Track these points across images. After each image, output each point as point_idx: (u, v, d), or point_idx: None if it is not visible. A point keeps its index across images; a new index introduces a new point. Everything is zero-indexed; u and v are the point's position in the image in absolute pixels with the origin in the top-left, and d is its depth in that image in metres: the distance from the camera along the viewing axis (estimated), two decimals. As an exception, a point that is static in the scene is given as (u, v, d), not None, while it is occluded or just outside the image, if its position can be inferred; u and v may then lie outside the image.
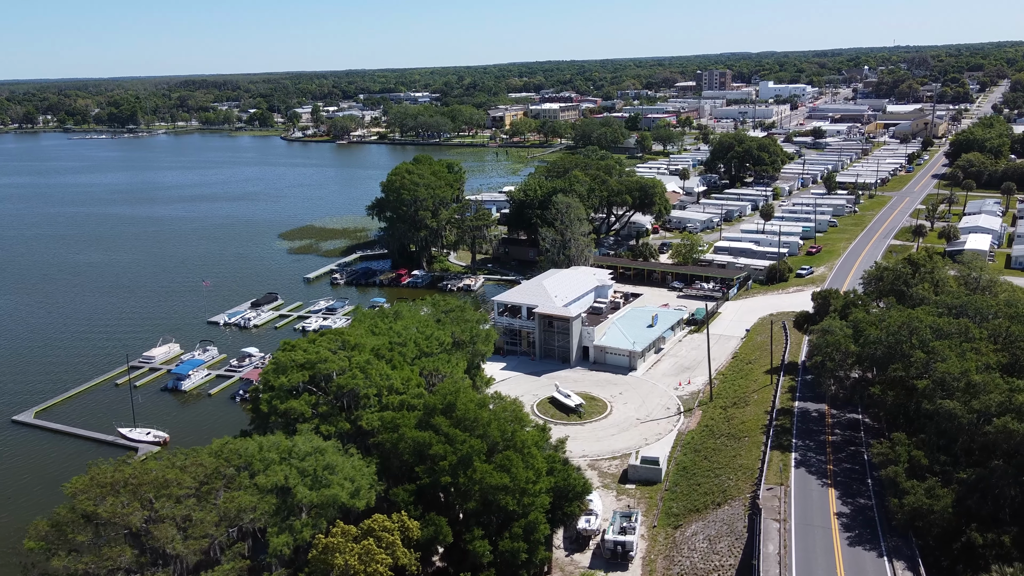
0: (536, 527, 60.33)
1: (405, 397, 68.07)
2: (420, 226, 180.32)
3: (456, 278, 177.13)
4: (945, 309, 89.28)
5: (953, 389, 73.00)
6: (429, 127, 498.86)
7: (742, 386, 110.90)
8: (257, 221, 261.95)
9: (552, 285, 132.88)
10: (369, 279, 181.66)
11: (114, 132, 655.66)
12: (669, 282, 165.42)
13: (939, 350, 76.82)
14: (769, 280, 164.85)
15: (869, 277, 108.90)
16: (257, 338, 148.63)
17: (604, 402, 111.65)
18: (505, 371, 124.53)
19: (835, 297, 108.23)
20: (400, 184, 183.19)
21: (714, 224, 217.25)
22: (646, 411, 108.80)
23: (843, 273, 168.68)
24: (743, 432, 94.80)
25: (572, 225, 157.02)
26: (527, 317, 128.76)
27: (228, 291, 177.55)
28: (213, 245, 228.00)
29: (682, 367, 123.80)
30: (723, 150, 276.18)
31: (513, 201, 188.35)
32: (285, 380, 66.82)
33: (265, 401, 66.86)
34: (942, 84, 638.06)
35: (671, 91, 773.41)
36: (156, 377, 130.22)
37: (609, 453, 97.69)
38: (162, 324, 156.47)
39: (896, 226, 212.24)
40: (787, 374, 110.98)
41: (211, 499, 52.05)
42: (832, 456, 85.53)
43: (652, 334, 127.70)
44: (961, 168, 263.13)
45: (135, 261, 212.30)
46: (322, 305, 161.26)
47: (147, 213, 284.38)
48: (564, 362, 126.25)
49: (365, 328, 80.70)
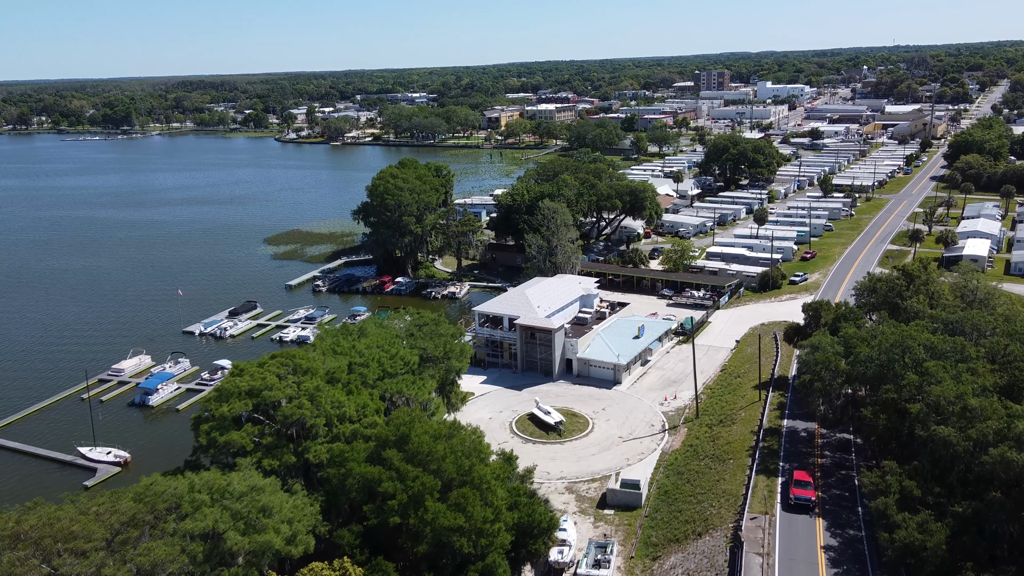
0: (494, 570, 55.76)
1: (358, 427, 63.45)
2: (404, 232, 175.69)
3: (441, 285, 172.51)
4: (940, 325, 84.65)
5: (948, 414, 68.38)
6: (424, 128, 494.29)
7: (729, 402, 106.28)
8: (244, 225, 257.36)
9: (535, 295, 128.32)
10: (352, 286, 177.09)
11: (108, 133, 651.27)
12: (659, 290, 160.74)
13: (933, 371, 72.16)
14: (762, 287, 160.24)
15: (861, 288, 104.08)
16: (232, 349, 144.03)
17: (586, 419, 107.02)
18: (485, 384, 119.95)
19: (826, 309, 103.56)
20: (384, 189, 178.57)
21: (707, 228, 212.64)
22: (629, 428, 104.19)
23: (838, 280, 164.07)
24: (728, 454, 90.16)
25: (558, 231, 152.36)
26: (509, 328, 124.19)
27: (206, 299, 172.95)
28: (197, 250, 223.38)
29: (669, 380, 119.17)
30: (718, 152, 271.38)
31: (500, 206, 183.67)
32: (227, 409, 62.18)
33: (204, 433, 62.24)
34: (941, 84, 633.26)
35: (669, 91, 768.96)
36: (124, 391, 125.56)
37: (588, 475, 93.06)
38: (136, 334, 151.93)
39: (893, 230, 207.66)
40: (776, 389, 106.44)
41: (127, 550, 47.21)
42: (821, 481, 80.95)
43: (638, 346, 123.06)
44: (960, 170, 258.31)
45: (116, 267, 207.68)
46: (301, 314, 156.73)
47: (134, 217, 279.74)
48: (547, 375, 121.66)
49: (327, 346, 76.13)
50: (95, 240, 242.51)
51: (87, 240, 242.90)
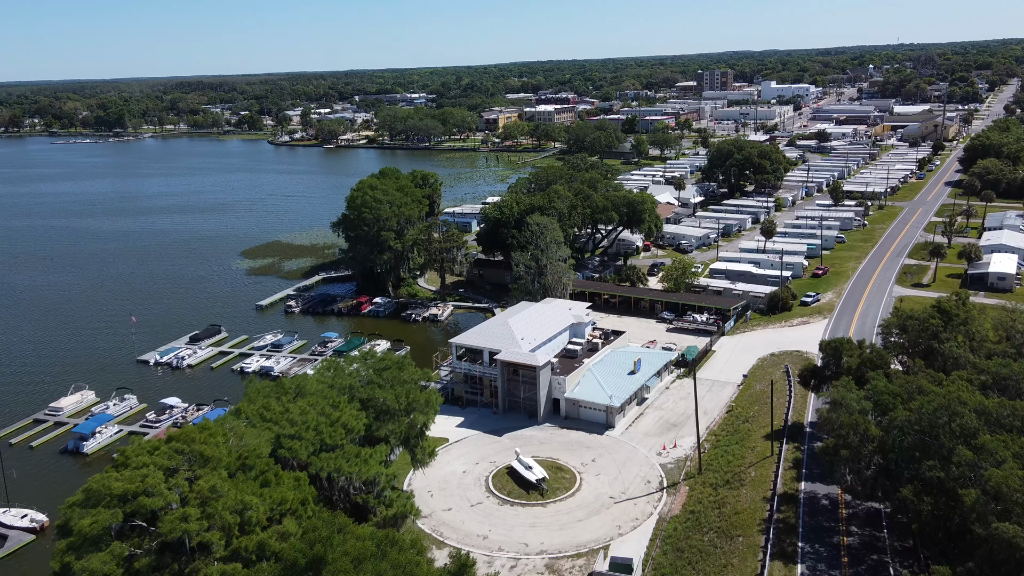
0: None
1: (267, 536, 50.33)
2: (383, 248, 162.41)
3: (422, 306, 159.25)
4: (990, 378, 71.15)
5: (1012, 504, 55.03)
6: (419, 131, 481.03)
7: (737, 455, 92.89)
8: (223, 236, 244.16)
9: (519, 325, 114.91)
10: (327, 307, 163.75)
11: (99, 136, 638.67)
12: (658, 312, 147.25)
13: (991, 447, 58.82)
14: (770, 309, 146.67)
15: (889, 327, 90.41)
16: (189, 381, 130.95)
17: (573, 473, 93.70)
18: (462, 428, 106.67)
19: (848, 350, 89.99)
20: (362, 201, 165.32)
21: (711, 240, 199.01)
22: (622, 485, 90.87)
23: (853, 300, 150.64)
24: (737, 527, 76.81)
25: (548, 249, 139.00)
26: (489, 363, 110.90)
27: (169, 321, 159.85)
28: (170, 264, 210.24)
29: (668, 423, 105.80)
30: (722, 157, 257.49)
31: (487, 219, 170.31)
32: (89, 524, 48.94)
33: (58, 556, 49.05)
34: (950, 83, 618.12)
35: (671, 91, 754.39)
36: (59, 434, 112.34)
37: (573, 548, 79.74)
38: (86, 364, 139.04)
39: (909, 242, 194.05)
40: (791, 440, 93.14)
41: None
42: (849, 570, 67.58)
43: (634, 383, 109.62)
44: (977, 176, 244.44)
45: (81, 284, 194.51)
46: (268, 340, 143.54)
47: (111, 227, 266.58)
48: (531, 417, 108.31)
49: (254, 411, 63.04)
50: (65, 253, 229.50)
51: (57, 253, 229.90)
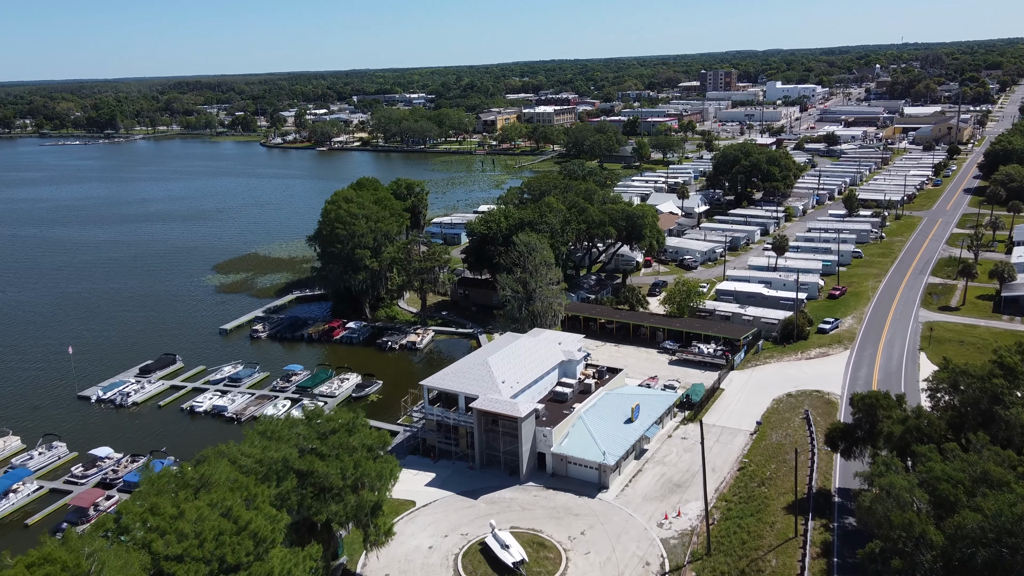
0: None
1: None
2: (358, 267, 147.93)
3: (399, 332, 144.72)
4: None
5: None
6: (414, 132, 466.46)
7: (753, 532, 78.24)
8: (198, 247, 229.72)
9: (500, 365, 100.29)
10: (296, 332, 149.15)
11: (89, 138, 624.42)
12: (660, 341, 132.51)
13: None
14: (784, 338, 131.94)
15: (938, 383, 75.46)
16: (131, 422, 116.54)
17: (558, 551, 79.12)
18: (432, 488, 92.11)
19: (885, 406, 75.22)
20: (336, 216, 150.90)
21: (717, 255, 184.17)
22: (616, 568, 76.28)
23: (876, 326, 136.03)
24: (755, 641, 62.27)
25: (537, 272, 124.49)
26: (465, 411, 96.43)
27: (124, 347, 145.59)
28: (136, 280, 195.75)
29: (670, 483, 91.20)
30: (728, 163, 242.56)
31: (473, 235, 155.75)
32: None
33: None
34: (960, 84, 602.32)
35: (674, 91, 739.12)
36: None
37: (555, 658, 65.35)
38: (21, 400, 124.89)
39: (932, 257, 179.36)
40: (817, 516, 78.42)
41: None
42: None
43: (632, 434, 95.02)
44: (1000, 183, 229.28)
45: (37, 304, 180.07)
46: (226, 372, 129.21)
47: (84, 237, 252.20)
48: (512, 474, 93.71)
49: (136, 520, 48.86)
50: (30, 268, 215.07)
51: (20, 267, 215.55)
